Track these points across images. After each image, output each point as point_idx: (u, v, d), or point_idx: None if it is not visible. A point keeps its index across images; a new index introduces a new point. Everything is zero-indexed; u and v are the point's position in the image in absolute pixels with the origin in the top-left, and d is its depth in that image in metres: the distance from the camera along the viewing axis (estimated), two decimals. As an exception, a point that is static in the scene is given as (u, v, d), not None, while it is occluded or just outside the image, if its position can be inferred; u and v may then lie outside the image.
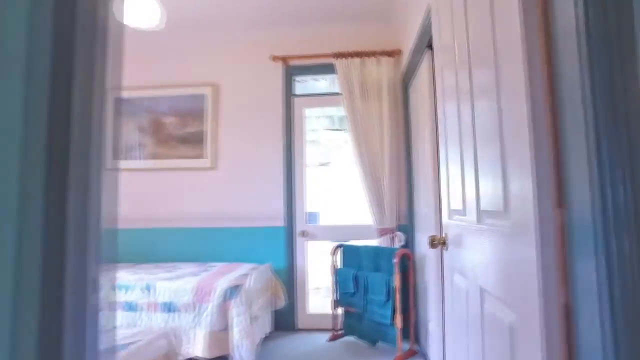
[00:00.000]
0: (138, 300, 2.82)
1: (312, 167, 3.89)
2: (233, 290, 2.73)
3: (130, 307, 2.82)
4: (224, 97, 3.79)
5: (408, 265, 2.90)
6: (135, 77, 3.91)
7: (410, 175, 3.43)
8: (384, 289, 2.82)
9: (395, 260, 2.75)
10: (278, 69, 3.73)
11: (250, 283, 2.79)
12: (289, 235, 3.61)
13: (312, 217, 3.75)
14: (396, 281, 2.74)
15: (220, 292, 2.73)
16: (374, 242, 3.67)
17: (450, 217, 1.66)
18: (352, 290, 3.08)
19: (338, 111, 5.74)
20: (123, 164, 3.86)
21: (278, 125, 3.71)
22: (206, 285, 2.79)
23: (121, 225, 3.85)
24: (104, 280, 0.70)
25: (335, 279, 3.25)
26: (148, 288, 2.83)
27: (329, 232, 3.70)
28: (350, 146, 3.57)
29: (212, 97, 3.74)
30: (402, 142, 3.54)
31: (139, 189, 3.85)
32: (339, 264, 3.29)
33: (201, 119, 3.75)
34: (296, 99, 3.74)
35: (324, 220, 3.96)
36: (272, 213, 3.65)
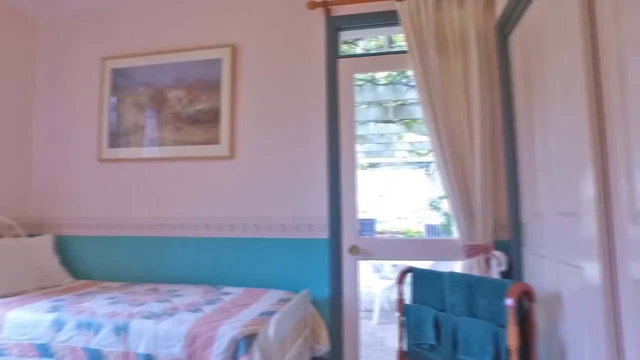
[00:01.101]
0: (106, 347, 1.89)
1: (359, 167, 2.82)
2: (245, 343, 1.73)
3: (94, 357, 1.89)
4: (245, 61, 2.83)
5: (528, 310, 1.76)
6: (130, 41, 3.05)
7: (513, 167, 2.29)
8: (491, 348, 1.70)
9: (511, 301, 1.63)
10: (317, 21, 2.72)
11: (271, 331, 1.77)
12: (334, 251, 2.58)
13: (366, 226, 2.69)
14: (512, 338, 1.62)
15: (227, 344, 1.73)
16: (455, 266, 2.56)
17: None
18: (432, 342, 1.98)
19: (394, 93, 4.65)
20: (119, 152, 3.00)
21: (318, 96, 2.69)
22: (206, 331, 1.80)
23: (117, 231, 2.98)
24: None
25: (404, 319, 2.16)
26: (121, 330, 1.89)
27: (390, 249, 2.62)
28: (425, 127, 2.46)
29: (229, 61, 2.80)
30: (500, 118, 2.41)
31: (138, 185, 2.96)
32: (408, 298, 2.20)
33: (215, 92, 2.80)
34: (343, 62, 2.71)
35: (381, 230, 2.87)
36: (311, 219, 2.63)
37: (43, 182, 3.17)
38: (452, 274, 2.03)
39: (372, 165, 9.63)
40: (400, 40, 3.71)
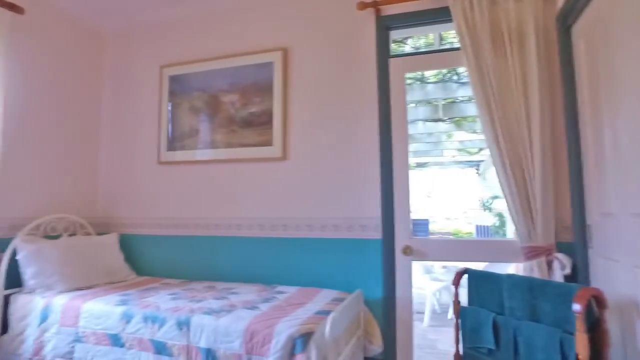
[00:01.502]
0: (169, 340, 1.99)
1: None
2: (302, 341, 1.76)
3: (159, 349, 2.00)
4: (296, 63, 2.88)
5: (598, 317, 1.66)
6: (186, 49, 3.19)
7: (577, 166, 2.17)
8: (558, 356, 1.63)
9: (579, 306, 1.55)
10: (367, 21, 2.72)
11: (328, 329, 1.80)
12: (387, 252, 2.56)
13: (419, 226, 2.66)
14: (581, 346, 1.54)
15: (284, 341, 1.78)
16: (509, 268, 2.47)
17: None
18: (491, 346, 1.92)
19: (444, 91, 4.55)
20: (175, 155, 3.15)
21: (369, 96, 2.69)
22: (263, 328, 1.86)
23: (175, 231, 3.13)
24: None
25: (460, 322, 2.12)
26: (184, 324, 1.99)
27: (443, 250, 2.57)
28: (477, 125, 2.39)
29: (281, 64, 2.86)
30: (562, 114, 2.29)
31: (194, 186, 3.10)
32: (465, 300, 2.15)
33: (267, 95, 2.88)
34: (394, 62, 2.69)
35: (435, 231, 2.82)
36: (364, 220, 2.63)
37: (109, 184, 3.39)
38: (511, 276, 1.96)
39: (420, 165, 9.46)
40: (452, 37, 3.62)
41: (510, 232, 4.85)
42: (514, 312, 1.89)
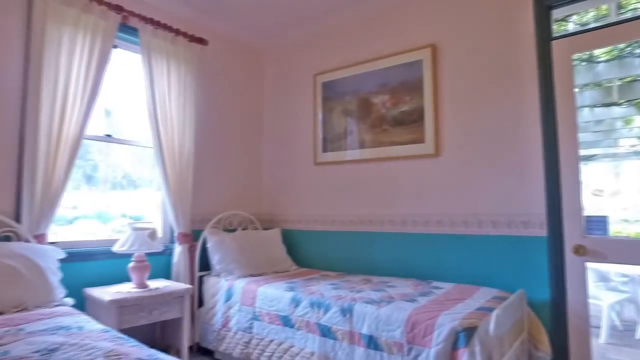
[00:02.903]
0: (334, 325, 2.16)
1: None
2: (465, 335, 1.74)
3: (325, 332, 2.19)
4: (446, 58, 2.83)
5: None
6: (336, 56, 3.39)
7: None
8: None
9: None
10: (524, 3, 2.53)
11: (492, 326, 1.74)
12: (555, 251, 2.35)
13: (595, 224, 2.37)
14: None
15: (446, 333, 1.78)
16: None
17: None
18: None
19: (621, 70, 3.93)
20: (330, 156, 3.38)
21: (528, 85, 2.50)
22: (425, 319, 1.89)
23: (331, 227, 3.36)
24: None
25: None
26: (347, 311, 2.14)
27: (630, 252, 2.23)
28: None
29: (430, 61, 2.85)
30: None
31: (348, 184, 3.28)
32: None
33: (417, 93, 2.89)
34: (557, 43, 2.45)
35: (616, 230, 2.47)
36: (525, 216, 2.46)
37: (272, 184, 3.82)
38: None
39: (586, 158, 8.26)
40: (635, 2, 3.10)
41: None
42: None
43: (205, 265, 3.13)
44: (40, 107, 2.31)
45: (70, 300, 2.17)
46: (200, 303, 3.02)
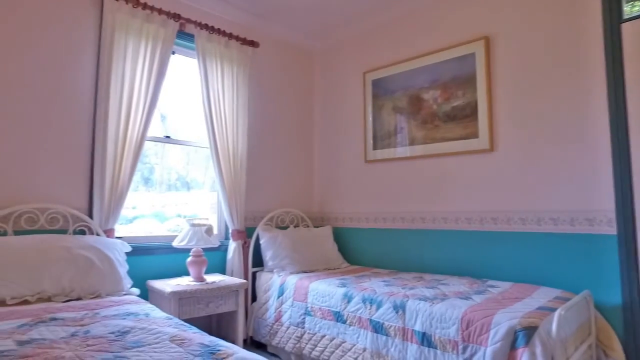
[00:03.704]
0: (386, 321, 2.14)
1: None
2: (525, 334, 1.67)
3: (377, 328, 2.18)
4: (500, 49, 2.72)
5: None
6: (385, 54, 3.36)
7: None
8: None
9: None
10: (590, -13, 2.39)
11: (554, 326, 1.65)
12: (627, 251, 2.18)
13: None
14: None
15: (505, 331, 1.72)
16: None
17: None
18: None
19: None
20: (381, 154, 3.36)
21: (593, 72, 2.35)
22: (480, 317, 1.83)
23: (382, 224, 3.34)
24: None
25: None
26: (399, 308, 2.12)
27: None
28: None
29: (483, 53, 2.75)
30: None
31: (400, 182, 3.24)
32: None
33: (470, 87, 2.81)
34: (629, 26, 2.28)
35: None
36: (590, 212, 2.31)
37: (322, 182, 3.86)
38: None
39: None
40: None
41: None
42: None
43: (258, 262, 3.22)
44: (109, 113, 2.50)
45: (136, 290, 2.32)
46: (254, 298, 3.11)
